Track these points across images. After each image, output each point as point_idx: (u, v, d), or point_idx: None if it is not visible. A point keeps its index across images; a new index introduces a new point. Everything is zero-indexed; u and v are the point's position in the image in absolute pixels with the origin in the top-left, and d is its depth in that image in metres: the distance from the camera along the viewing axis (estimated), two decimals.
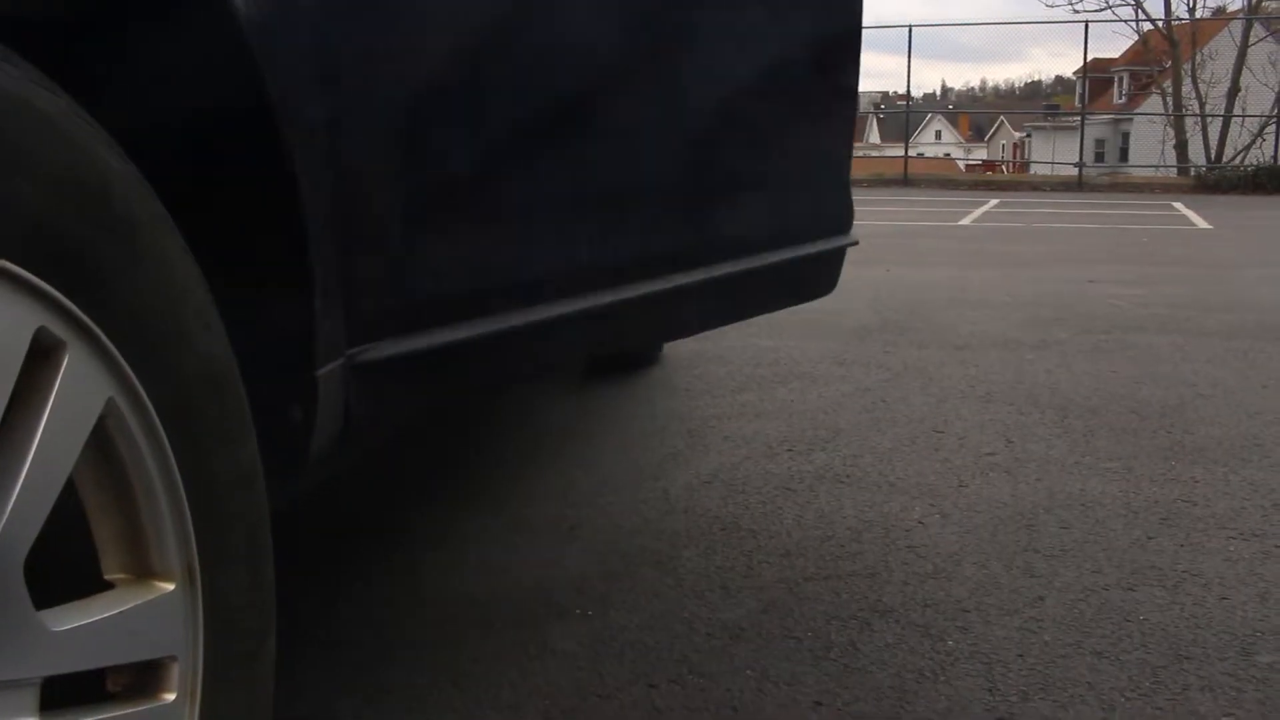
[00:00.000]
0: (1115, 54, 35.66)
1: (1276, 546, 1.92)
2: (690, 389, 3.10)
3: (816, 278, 2.10)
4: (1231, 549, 1.91)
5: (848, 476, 2.31)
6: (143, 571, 0.80)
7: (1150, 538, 1.97)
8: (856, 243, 2.04)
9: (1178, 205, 12.25)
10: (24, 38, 0.75)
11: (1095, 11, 27.87)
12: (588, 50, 1.48)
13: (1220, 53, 23.99)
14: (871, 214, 10.84)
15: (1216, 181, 15.46)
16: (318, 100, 1.05)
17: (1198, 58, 24.35)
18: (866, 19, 2.12)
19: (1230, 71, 22.72)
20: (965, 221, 10.17)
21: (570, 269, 1.49)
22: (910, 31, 16.29)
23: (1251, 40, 22.87)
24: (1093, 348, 3.73)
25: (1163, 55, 25.73)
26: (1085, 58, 17.99)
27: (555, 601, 1.70)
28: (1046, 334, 4.00)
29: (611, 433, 2.69)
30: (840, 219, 2.11)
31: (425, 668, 1.49)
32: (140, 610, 0.78)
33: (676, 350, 3.57)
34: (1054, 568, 1.83)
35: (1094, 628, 1.61)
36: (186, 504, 0.82)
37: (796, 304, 2.18)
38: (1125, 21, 25.01)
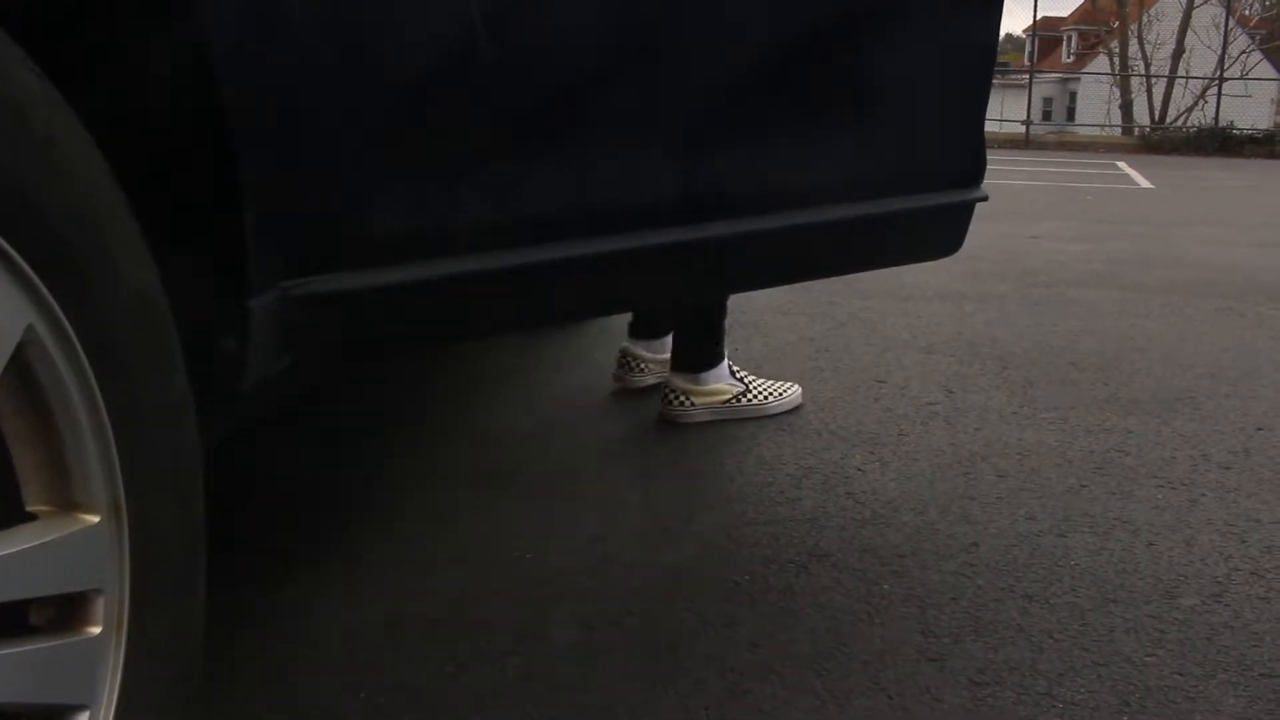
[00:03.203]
0: (1065, 12, 35.88)
1: (1203, 495, 1.97)
2: None
3: (936, 234, 1.83)
4: (1160, 497, 1.96)
5: (789, 424, 2.32)
6: (66, 503, 0.78)
7: (1083, 486, 2.00)
8: (986, 198, 1.82)
9: (1121, 164, 12.40)
10: None
11: None
12: None
13: (1166, 14, 24.24)
14: None
15: (1159, 142, 15.67)
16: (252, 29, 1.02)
17: (1144, 18, 24.59)
18: None
19: (1175, 33, 22.96)
20: None
21: (543, 213, 1.32)
22: None
23: (1196, 3, 23.10)
24: (1034, 301, 3.78)
25: (1110, 15, 25.93)
26: (1035, 15, 18.10)
27: (495, 545, 1.70)
28: (989, 287, 4.04)
29: (554, 378, 2.69)
30: (969, 170, 1.83)
31: (362, 610, 1.49)
32: (63, 542, 0.77)
33: None
34: (989, 515, 1.86)
35: (1026, 572, 1.64)
36: (112, 435, 0.80)
37: (913, 261, 1.94)
38: None
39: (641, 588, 1.56)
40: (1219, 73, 17.35)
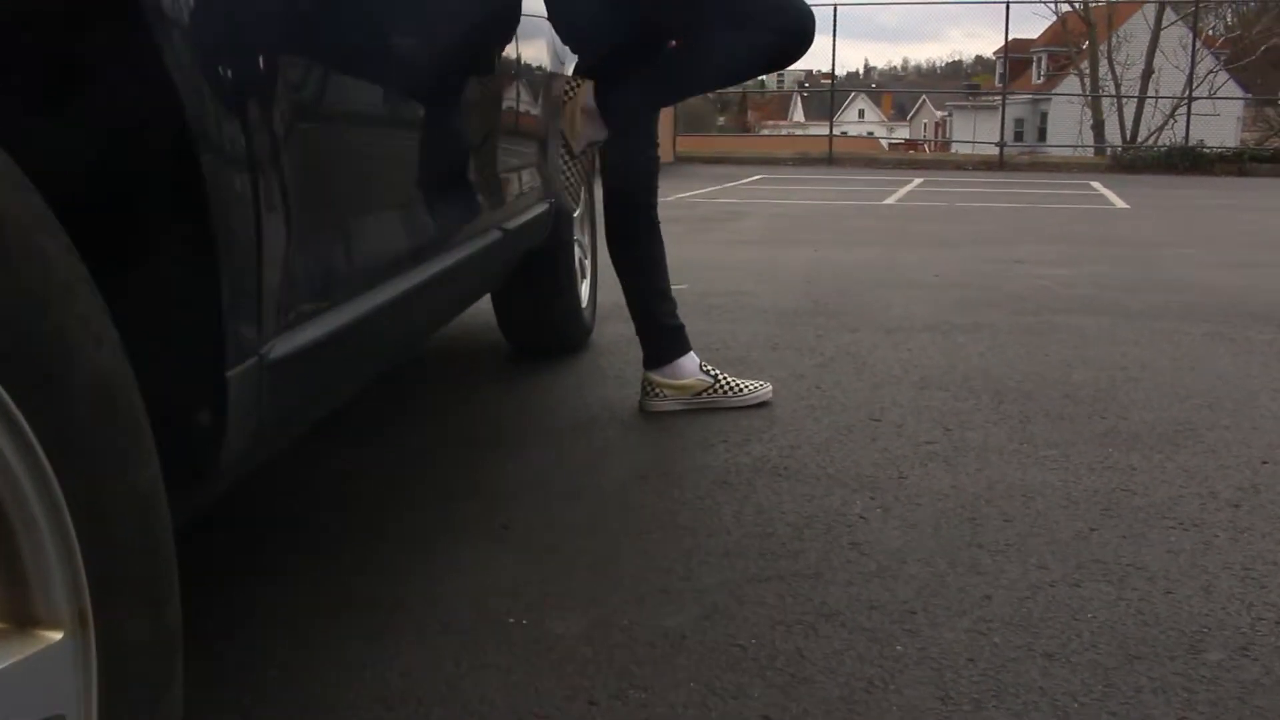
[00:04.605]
0: (1034, 35, 36.25)
1: (1216, 537, 1.91)
2: (620, 376, 3.02)
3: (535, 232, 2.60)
4: (1173, 540, 1.89)
5: (785, 469, 2.25)
6: (25, 620, 0.70)
7: (1093, 529, 1.94)
8: (551, 204, 2.63)
9: (1096, 184, 12.46)
10: None
11: None
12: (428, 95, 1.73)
13: (1135, 35, 24.54)
14: (797, 193, 10.86)
15: (1132, 161, 15.77)
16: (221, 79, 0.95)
17: (1113, 40, 24.88)
18: None
19: (1144, 54, 23.23)
20: (890, 201, 10.21)
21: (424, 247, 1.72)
22: (835, 11, 16.22)
23: (1164, 24, 23.39)
24: (1023, 330, 3.73)
25: (1080, 37, 26.22)
26: (1006, 38, 18.23)
27: (488, 608, 1.62)
28: (977, 316, 3.99)
29: (542, 423, 2.61)
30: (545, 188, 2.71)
31: (351, 682, 1.40)
32: (23, 665, 0.69)
33: (604, 335, 3.49)
34: (999, 564, 1.79)
35: (1043, 627, 1.57)
36: (75, 540, 0.72)
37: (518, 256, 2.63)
38: (1044, 3, 25.30)
39: (643, 656, 1.48)
40: (1188, 92, 17.51)
